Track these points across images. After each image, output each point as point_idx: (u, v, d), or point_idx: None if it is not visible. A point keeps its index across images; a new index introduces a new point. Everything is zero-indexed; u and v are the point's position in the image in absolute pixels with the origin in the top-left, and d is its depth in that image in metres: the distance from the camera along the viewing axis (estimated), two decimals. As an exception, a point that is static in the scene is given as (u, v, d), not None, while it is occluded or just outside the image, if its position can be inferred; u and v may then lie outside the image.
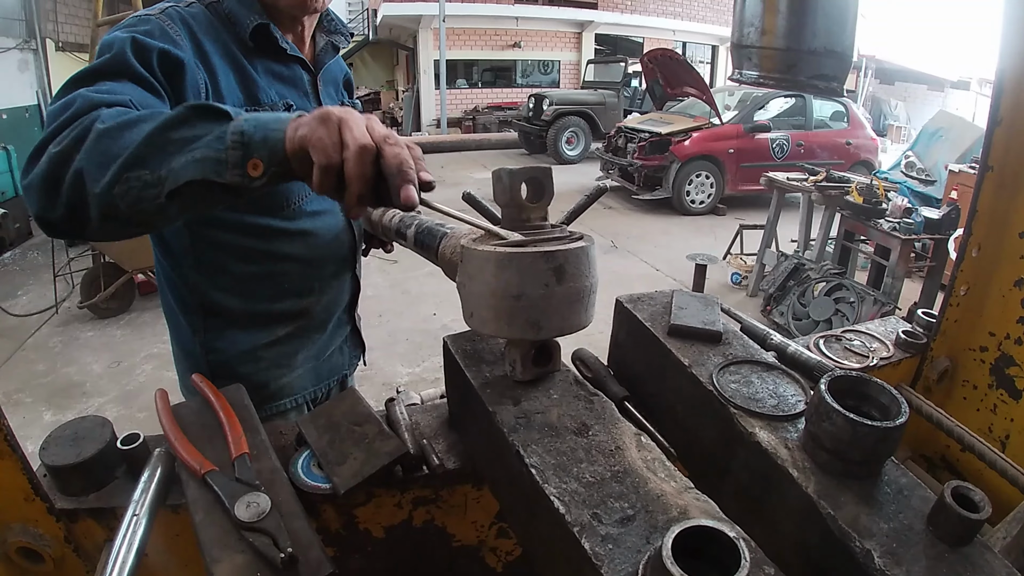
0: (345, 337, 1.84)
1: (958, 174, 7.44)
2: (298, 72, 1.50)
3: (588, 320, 0.98)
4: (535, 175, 0.96)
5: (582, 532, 0.74)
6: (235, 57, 1.37)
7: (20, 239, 9.19)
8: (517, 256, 0.89)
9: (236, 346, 1.57)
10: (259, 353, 1.59)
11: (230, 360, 1.57)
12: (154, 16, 1.26)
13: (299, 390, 1.70)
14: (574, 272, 0.92)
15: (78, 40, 14.31)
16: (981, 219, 1.54)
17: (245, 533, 0.94)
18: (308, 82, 1.53)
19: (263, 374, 1.61)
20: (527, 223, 0.97)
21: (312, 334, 1.68)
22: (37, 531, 1.09)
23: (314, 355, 1.71)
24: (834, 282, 5.97)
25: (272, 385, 1.63)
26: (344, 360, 1.86)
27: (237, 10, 1.37)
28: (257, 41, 1.39)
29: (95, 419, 1.20)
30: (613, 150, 12.09)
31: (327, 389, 1.80)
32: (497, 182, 0.95)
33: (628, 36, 23.28)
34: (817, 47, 1.11)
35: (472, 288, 0.95)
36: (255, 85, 1.40)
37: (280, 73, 1.45)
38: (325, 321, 1.71)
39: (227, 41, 1.36)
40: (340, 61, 1.69)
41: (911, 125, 20.26)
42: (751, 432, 0.96)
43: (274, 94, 1.43)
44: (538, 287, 0.89)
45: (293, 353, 1.65)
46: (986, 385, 1.60)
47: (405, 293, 7.19)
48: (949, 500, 0.75)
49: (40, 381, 5.32)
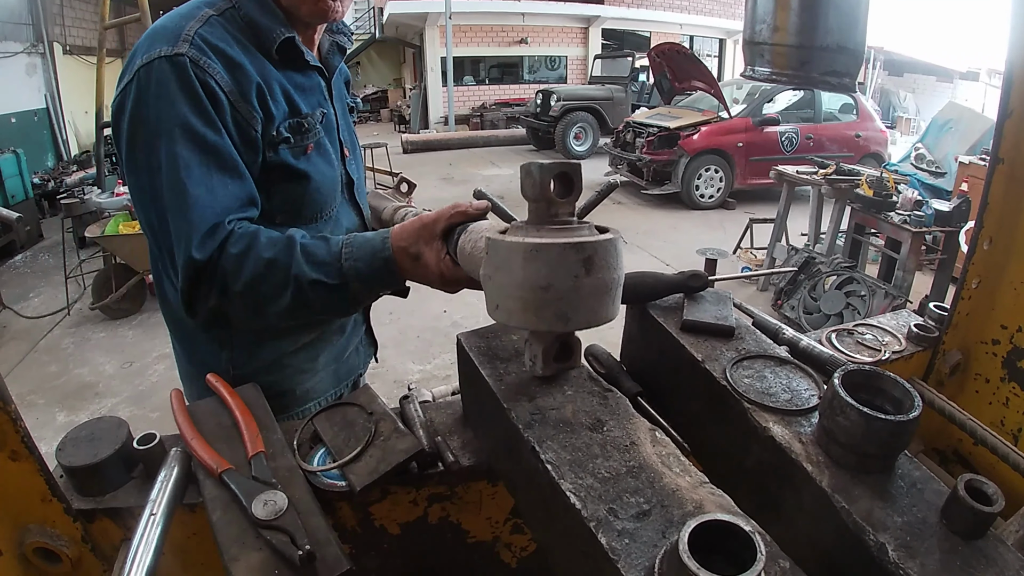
0: (361, 336, 1.85)
1: (968, 166, 7.40)
2: (315, 79, 1.49)
3: (615, 312, 0.97)
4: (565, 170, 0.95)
5: (599, 527, 0.74)
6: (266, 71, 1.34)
7: (31, 242, 9.24)
8: (546, 247, 0.89)
9: (262, 357, 1.55)
10: (284, 361, 1.58)
11: (257, 371, 1.53)
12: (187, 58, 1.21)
13: (321, 393, 1.69)
14: (603, 264, 0.91)
15: (85, 43, 14.41)
16: (992, 212, 1.54)
17: (263, 531, 0.95)
18: (324, 87, 1.52)
19: (288, 381, 1.60)
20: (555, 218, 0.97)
21: (333, 336, 1.68)
22: (54, 531, 1.10)
23: (334, 357, 1.71)
24: (845, 275, 5.95)
25: (297, 390, 1.62)
26: (360, 360, 1.86)
27: (260, 19, 1.33)
28: (283, 55, 1.37)
29: (112, 420, 1.21)
30: (621, 145, 12.07)
31: (345, 390, 1.80)
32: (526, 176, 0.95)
33: (635, 31, 23.23)
34: (829, 43, 1.11)
35: (498, 279, 0.95)
36: (291, 97, 1.39)
37: (302, 84, 1.44)
38: (344, 322, 1.71)
39: (255, 54, 1.33)
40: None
41: (920, 117, 20.15)
42: (765, 427, 0.96)
43: (306, 105, 1.42)
44: (567, 279, 0.89)
45: (315, 357, 1.64)
46: (998, 378, 1.60)
47: (416, 290, 7.17)
48: (962, 493, 0.75)
49: (53, 383, 5.36)
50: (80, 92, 13.16)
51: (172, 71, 1.19)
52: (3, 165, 8.87)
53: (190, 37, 1.22)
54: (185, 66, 1.19)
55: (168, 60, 1.19)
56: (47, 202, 10.47)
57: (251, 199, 1.28)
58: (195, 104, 1.20)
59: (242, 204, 1.25)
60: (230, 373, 1.51)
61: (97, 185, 8.46)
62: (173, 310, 1.52)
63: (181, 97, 1.19)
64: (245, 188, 1.27)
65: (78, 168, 11.60)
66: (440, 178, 13.22)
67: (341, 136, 1.58)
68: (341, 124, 1.58)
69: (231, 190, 1.23)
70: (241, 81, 1.27)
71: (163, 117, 1.19)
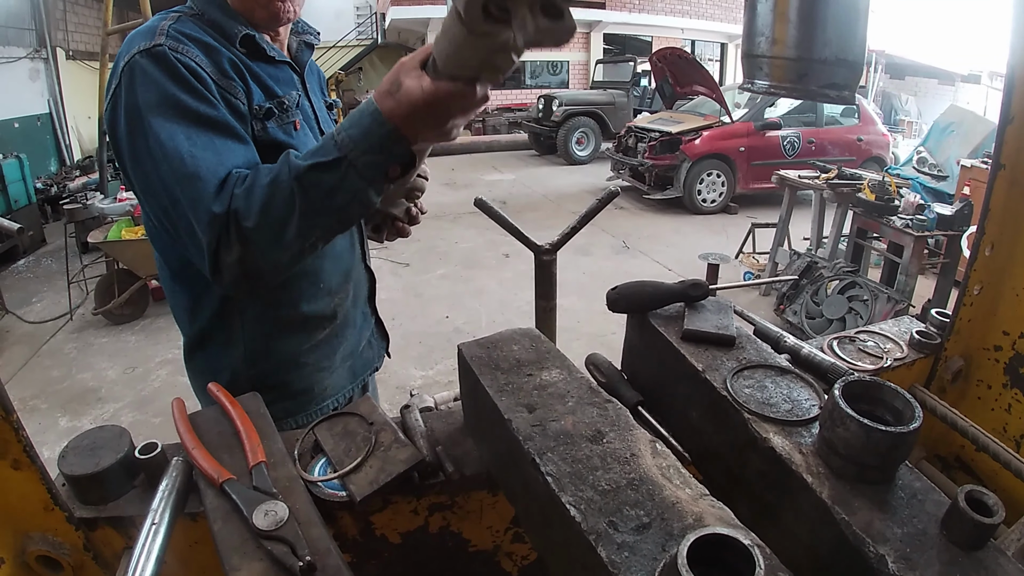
0: (372, 330, 1.90)
1: (970, 169, 7.38)
2: (287, 73, 1.54)
3: None
4: None
5: (598, 540, 0.74)
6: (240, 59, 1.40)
7: (34, 247, 9.26)
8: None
9: (278, 354, 1.58)
10: (301, 359, 1.61)
11: (275, 370, 1.59)
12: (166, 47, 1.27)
13: (339, 389, 1.73)
14: None
15: (88, 48, 14.45)
16: (994, 217, 1.53)
17: (263, 541, 0.95)
18: (297, 81, 1.57)
19: (306, 379, 1.63)
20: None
21: (346, 331, 1.71)
22: (56, 540, 1.11)
23: (349, 352, 1.75)
24: (847, 280, 5.95)
25: (316, 388, 1.66)
26: (373, 354, 1.91)
27: (222, 20, 1.40)
28: (247, 47, 1.42)
29: (113, 428, 1.21)
30: (624, 150, 12.07)
31: (362, 385, 1.85)
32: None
33: (637, 35, 23.22)
34: (828, 56, 1.11)
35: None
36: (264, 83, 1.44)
37: (275, 75, 1.48)
38: (354, 316, 1.75)
39: (226, 45, 1.38)
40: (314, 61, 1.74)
41: (922, 120, 20.11)
42: (765, 437, 0.96)
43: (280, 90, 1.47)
44: None
45: (332, 353, 1.68)
46: (1000, 385, 1.59)
47: (418, 296, 7.21)
48: (963, 504, 0.75)
49: (56, 387, 5.36)
50: (83, 97, 13.19)
51: (153, 61, 1.25)
52: (6, 170, 8.87)
53: (165, 30, 1.29)
54: (165, 54, 1.25)
55: (148, 53, 1.25)
56: (50, 207, 10.47)
57: (255, 159, 1.31)
58: (182, 83, 1.25)
59: (247, 162, 1.27)
60: (247, 373, 1.54)
61: (100, 190, 8.50)
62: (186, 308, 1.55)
63: (167, 80, 1.24)
64: (249, 150, 1.32)
65: (81, 173, 11.60)
66: (442, 183, 13.22)
67: (323, 128, 1.61)
68: (320, 117, 1.63)
69: (234, 150, 1.27)
70: (218, 61, 1.33)
71: (154, 101, 1.23)
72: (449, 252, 8.79)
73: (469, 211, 9.26)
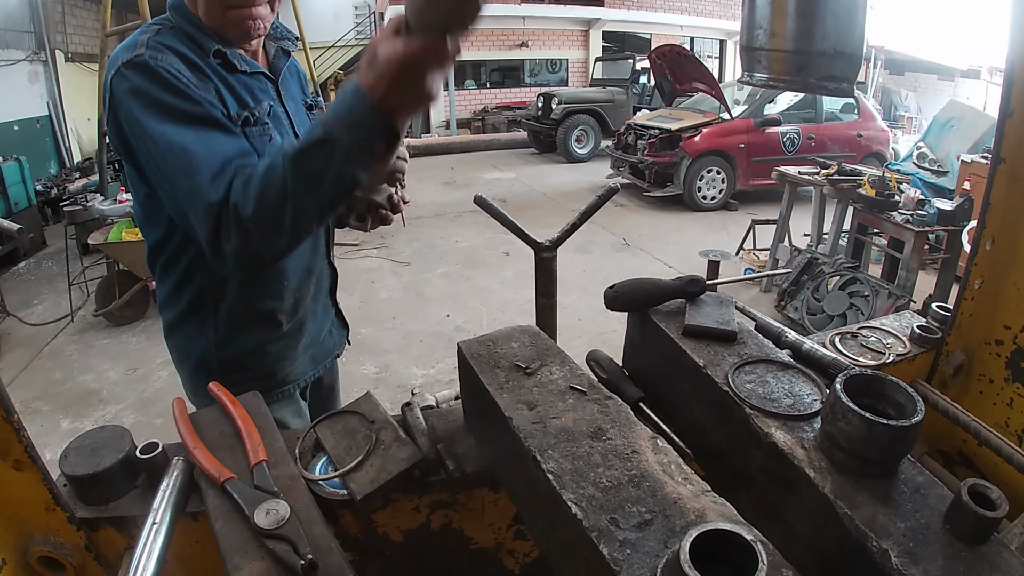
0: (332, 320, 2.02)
1: (970, 164, 7.37)
2: (263, 82, 1.61)
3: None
4: None
5: (600, 537, 0.74)
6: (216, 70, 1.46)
7: (34, 249, 9.25)
8: None
9: (244, 343, 1.70)
10: (266, 348, 1.73)
11: (243, 355, 1.71)
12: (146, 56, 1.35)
13: (300, 376, 1.87)
14: None
15: (87, 51, 14.42)
16: (994, 212, 1.53)
17: (265, 540, 0.95)
18: (272, 89, 1.65)
19: (269, 366, 1.76)
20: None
21: (307, 324, 1.83)
22: (58, 540, 1.11)
23: (309, 343, 1.87)
24: (848, 276, 5.93)
25: (279, 375, 1.79)
26: (334, 342, 2.05)
27: (196, 35, 1.46)
28: (221, 59, 1.48)
29: (114, 429, 1.21)
30: (623, 147, 12.06)
31: (324, 370, 2.02)
32: None
33: (635, 33, 23.17)
34: (826, 49, 1.11)
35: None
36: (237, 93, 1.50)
37: (249, 85, 1.55)
38: (315, 309, 1.87)
39: (202, 57, 1.45)
40: (295, 62, 1.79)
41: (922, 115, 20.08)
42: (767, 432, 0.96)
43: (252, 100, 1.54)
44: None
45: (294, 345, 1.80)
46: (1002, 379, 1.59)
47: (419, 295, 7.20)
48: (966, 498, 0.75)
49: (57, 389, 5.36)
50: (82, 99, 13.17)
51: (136, 71, 1.33)
52: (6, 172, 8.85)
53: (145, 42, 1.37)
54: (146, 63, 1.33)
55: (130, 64, 1.34)
56: (50, 209, 10.46)
57: (246, 147, 1.39)
58: (166, 87, 1.33)
59: (242, 153, 1.33)
60: (216, 355, 1.67)
61: (100, 192, 8.47)
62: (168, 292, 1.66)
63: (152, 85, 1.32)
64: (237, 139, 1.40)
65: (81, 175, 11.58)
66: (442, 183, 13.21)
67: (298, 133, 1.67)
68: (295, 120, 1.69)
69: (223, 141, 1.33)
70: (196, 72, 1.40)
71: (144, 107, 1.32)
72: (449, 251, 8.78)
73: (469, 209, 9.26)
